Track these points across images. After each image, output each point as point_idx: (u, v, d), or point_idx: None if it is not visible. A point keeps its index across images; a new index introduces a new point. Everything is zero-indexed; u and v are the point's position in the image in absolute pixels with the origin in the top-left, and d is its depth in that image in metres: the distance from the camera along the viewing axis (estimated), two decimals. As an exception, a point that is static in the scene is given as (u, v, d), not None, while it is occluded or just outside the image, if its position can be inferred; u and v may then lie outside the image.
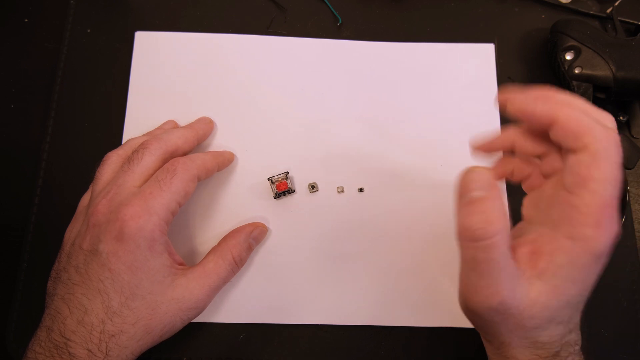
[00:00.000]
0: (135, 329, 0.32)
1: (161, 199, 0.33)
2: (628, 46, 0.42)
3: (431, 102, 0.44)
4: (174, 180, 0.34)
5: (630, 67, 0.41)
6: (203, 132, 0.41)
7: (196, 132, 0.39)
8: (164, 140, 0.36)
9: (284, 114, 0.43)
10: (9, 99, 0.43)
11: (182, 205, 0.35)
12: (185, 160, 0.35)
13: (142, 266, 0.32)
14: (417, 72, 0.45)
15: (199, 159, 0.37)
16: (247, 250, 0.38)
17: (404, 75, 0.45)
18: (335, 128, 0.43)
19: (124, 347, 0.31)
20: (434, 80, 0.45)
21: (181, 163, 0.35)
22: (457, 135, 0.43)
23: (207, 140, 0.42)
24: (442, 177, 0.42)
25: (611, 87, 0.41)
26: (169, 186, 0.33)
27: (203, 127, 0.41)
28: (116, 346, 0.31)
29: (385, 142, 0.42)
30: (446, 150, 0.42)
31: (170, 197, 0.33)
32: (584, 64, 0.42)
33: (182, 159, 0.35)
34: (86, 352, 0.30)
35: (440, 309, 0.38)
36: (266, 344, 0.38)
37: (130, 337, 0.32)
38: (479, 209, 0.27)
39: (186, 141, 0.38)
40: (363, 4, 0.47)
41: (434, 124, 0.43)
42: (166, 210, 0.33)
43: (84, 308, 0.31)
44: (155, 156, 0.35)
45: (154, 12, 0.46)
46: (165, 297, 0.33)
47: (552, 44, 0.44)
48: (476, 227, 0.27)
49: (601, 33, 0.42)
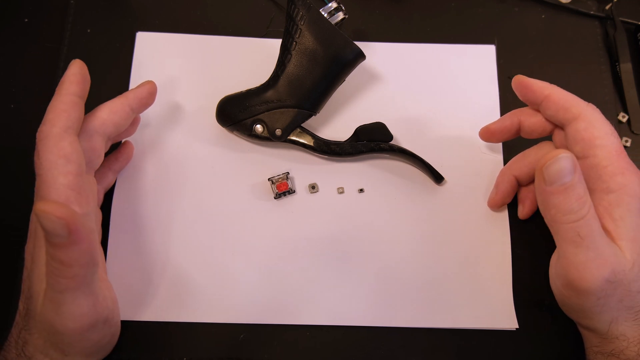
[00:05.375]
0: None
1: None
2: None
3: (431, 103, 0.44)
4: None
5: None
6: (134, 96, 0.37)
7: (125, 98, 0.36)
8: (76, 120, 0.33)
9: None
10: (9, 99, 0.43)
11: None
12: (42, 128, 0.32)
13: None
14: (417, 72, 0.45)
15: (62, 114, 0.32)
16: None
17: (404, 75, 0.45)
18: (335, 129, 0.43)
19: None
20: (434, 81, 0.45)
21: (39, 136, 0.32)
22: (457, 135, 0.43)
23: (210, 142, 0.42)
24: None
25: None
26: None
27: (136, 93, 0.37)
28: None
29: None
30: (446, 151, 0.42)
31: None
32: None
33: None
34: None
35: (440, 310, 0.38)
36: (266, 344, 0.38)
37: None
38: (575, 192, 0.30)
39: (113, 112, 0.35)
40: (363, 4, 0.47)
41: (434, 124, 0.43)
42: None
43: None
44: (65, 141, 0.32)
45: (154, 11, 0.46)
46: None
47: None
48: (577, 207, 0.30)
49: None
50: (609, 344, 0.33)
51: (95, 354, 0.34)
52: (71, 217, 0.27)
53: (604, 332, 0.33)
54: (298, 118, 0.40)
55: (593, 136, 0.33)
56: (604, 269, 0.30)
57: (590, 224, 0.30)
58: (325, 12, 0.40)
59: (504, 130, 0.38)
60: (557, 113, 0.34)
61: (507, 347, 0.38)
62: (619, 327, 0.32)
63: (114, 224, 0.40)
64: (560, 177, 0.30)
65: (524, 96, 0.36)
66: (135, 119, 0.39)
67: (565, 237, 0.31)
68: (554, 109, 0.35)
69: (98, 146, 0.35)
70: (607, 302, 0.31)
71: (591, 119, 0.33)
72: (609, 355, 0.33)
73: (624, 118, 0.44)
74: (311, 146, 0.40)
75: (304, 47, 0.38)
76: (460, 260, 0.40)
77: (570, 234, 0.31)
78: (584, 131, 0.33)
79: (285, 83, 0.39)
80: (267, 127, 0.40)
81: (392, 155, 0.42)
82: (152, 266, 0.39)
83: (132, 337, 0.37)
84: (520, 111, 0.38)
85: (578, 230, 0.30)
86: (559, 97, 0.34)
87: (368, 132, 0.41)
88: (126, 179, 0.41)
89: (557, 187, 0.30)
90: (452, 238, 0.40)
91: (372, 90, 0.44)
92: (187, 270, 0.39)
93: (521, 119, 0.38)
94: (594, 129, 0.33)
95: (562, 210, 0.30)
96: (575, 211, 0.30)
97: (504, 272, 0.39)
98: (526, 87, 0.36)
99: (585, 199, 0.30)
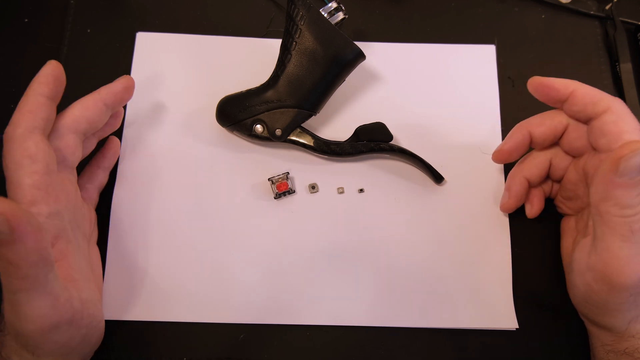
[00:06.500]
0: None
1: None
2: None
3: (431, 103, 0.44)
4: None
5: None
6: (108, 91, 0.36)
7: (98, 94, 0.36)
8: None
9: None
10: (9, 99, 0.43)
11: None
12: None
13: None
14: (418, 72, 0.45)
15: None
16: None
17: (404, 75, 0.45)
18: (334, 129, 0.43)
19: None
20: (434, 81, 0.45)
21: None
22: (457, 136, 0.43)
23: (210, 142, 0.42)
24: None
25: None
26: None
27: (110, 88, 0.36)
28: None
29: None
30: (446, 151, 0.42)
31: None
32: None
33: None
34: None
35: (440, 310, 0.38)
36: (266, 344, 0.38)
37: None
38: (638, 188, 0.30)
39: (85, 108, 0.35)
40: (363, 4, 0.47)
41: (434, 124, 0.43)
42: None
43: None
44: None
45: (154, 11, 0.46)
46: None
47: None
48: (636, 203, 0.30)
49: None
50: (623, 343, 0.33)
51: (68, 354, 0.33)
52: (12, 213, 0.25)
53: (621, 330, 0.33)
54: (298, 118, 0.40)
55: (622, 130, 0.32)
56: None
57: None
58: (325, 12, 0.40)
59: (519, 146, 0.37)
60: (585, 108, 0.34)
61: (507, 347, 0.38)
62: (637, 326, 0.32)
63: (113, 223, 0.40)
64: (636, 171, 0.29)
65: (545, 96, 0.36)
66: (117, 113, 0.39)
67: (615, 230, 0.30)
68: (582, 104, 0.34)
69: (71, 143, 0.34)
70: (635, 299, 0.31)
71: (620, 113, 0.33)
72: (622, 354, 0.32)
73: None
74: (311, 146, 0.40)
75: (304, 47, 0.38)
76: (460, 260, 0.40)
77: (622, 228, 0.30)
78: (613, 124, 0.32)
79: (285, 83, 0.39)
80: (267, 127, 0.40)
81: (392, 155, 0.42)
82: (152, 266, 0.39)
83: (133, 337, 0.37)
84: (526, 123, 0.37)
85: (631, 225, 0.30)
86: (586, 91, 0.34)
87: (368, 132, 0.41)
88: (126, 179, 0.41)
89: (626, 180, 0.29)
90: (452, 238, 0.40)
91: (372, 90, 0.44)
92: (188, 271, 0.39)
93: (530, 130, 0.37)
94: (623, 122, 0.32)
95: (621, 204, 0.30)
96: (634, 206, 0.30)
97: (504, 272, 0.39)
98: (549, 87, 0.35)
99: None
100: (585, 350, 0.38)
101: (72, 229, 0.34)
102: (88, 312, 0.33)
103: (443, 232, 0.40)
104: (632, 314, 0.32)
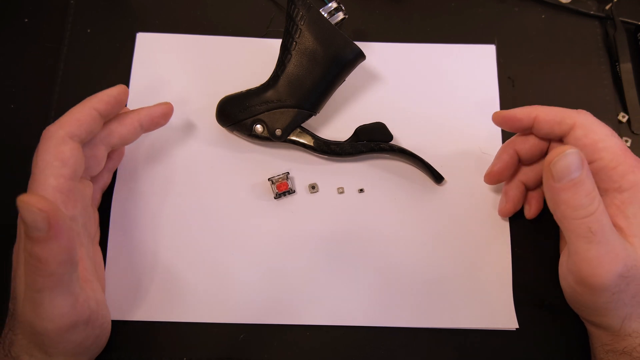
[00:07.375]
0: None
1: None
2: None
3: (431, 103, 0.44)
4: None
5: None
6: (147, 113, 0.37)
7: (137, 114, 0.37)
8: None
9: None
10: (9, 99, 0.43)
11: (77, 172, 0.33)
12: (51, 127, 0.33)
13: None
14: (417, 72, 0.45)
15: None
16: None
17: (404, 75, 0.45)
18: (334, 129, 0.43)
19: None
20: (434, 81, 0.45)
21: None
22: (457, 136, 0.43)
23: (210, 142, 0.42)
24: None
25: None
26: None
27: (150, 111, 0.38)
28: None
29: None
30: (446, 151, 0.42)
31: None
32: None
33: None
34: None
35: (440, 310, 0.38)
36: (266, 344, 0.38)
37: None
38: (584, 188, 0.30)
39: (122, 124, 0.36)
40: (363, 4, 0.47)
41: (434, 124, 0.43)
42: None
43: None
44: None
45: (154, 12, 0.46)
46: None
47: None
48: (587, 202, 0.30)
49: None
50: (621, 342, 0.32)
51: (80, 354, 0.33)
52: (53, 211, 0.26)
53: (616, 329, 0.33)
54: (298, 118, 0.40)
55: (594, 140, 0.33)
56: (616, 263, 0.30)
57: (601, 219, 0.30)
58: (325, 12, 0.40)
59: (508, 165, 0.38)
60: (552, 129, 0.34)
61: (507, 347, 0.38)
62: (632, 324, 0.32)
63: (113, 224, 0.40)
64: (568, 173, 0.30)
65: (511, 128, 0.37)
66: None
67: (576, 233, 0.31)
68: (548, 127, 0.35)
69: (100, 154, 0.35)
70: (620, 298, 0.31)
71: (587, 124, 0.33)
72: (620, 354, 0.32)
73: (624, 118, 0.44)
74: (311, 146, 0.40)
75: (304, 47, 0.38)
76: (460, 260, 0.40)
77: (582, 230, 0.30)
78: (584, 137, 0.33)
79: (285, 83, 0.39)
80: (267, 127, 0.40)
81: (392, 155, 0.42)
82: (152, 266, 0.39)
83: (133, 336, 0.37)
84: (511, 142, 0.38)
85: (589, 226, 0.30)
86: (548, 114, 0.34)
87: (368, 132, 0.41)
88: (126, 179, 0.41)
89: (565, 184, 0.30)
90: (452, 238, 0.40)
91: (372, 90, 0.44)
92: (188, 271, 0.39)
93: (516, 149, 0.37)
94: (593, 133, 0.33)
95: (572, 206, 0.30)
96: (585, 206, 0.30)
97: (504, 272, 0.39)
98: (511, 119, 0.36)
99: (594, 194, 0.30)
100: (585, 350, 0.38)
101: (83, 232, 0.34)
102: (102, 312, 0.34)
103: (443, 232, 0.40)
104: (624, 312, 0.32)
